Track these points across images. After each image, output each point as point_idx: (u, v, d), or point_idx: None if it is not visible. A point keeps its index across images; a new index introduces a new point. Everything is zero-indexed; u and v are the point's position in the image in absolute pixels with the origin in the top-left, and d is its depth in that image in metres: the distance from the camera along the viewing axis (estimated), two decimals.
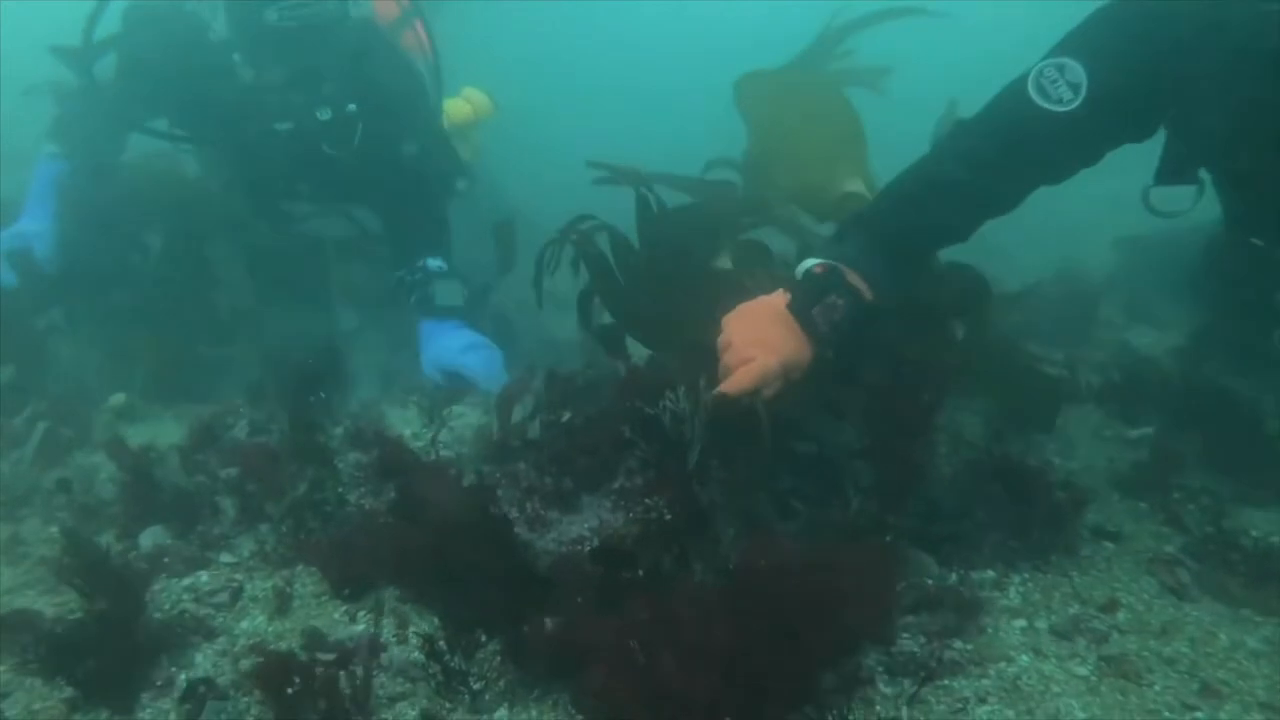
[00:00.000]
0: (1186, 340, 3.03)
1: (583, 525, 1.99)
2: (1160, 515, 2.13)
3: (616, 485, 2.04)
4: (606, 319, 2.27)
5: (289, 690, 1.43)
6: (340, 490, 2.07)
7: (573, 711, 1.55)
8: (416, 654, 1.67)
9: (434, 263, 2.94)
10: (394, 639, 1.75)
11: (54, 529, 2.08)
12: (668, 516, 1.89)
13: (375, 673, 1.64)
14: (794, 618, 1.45)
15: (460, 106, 3.68)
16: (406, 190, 3.02)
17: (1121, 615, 1.81)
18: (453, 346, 2.74)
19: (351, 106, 2.80)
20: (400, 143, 2.97)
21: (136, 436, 2.39)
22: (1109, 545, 2.05)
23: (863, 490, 1.98)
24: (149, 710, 1.57)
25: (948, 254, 2.15)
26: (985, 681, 1.65)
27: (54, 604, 1.83)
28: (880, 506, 1.93)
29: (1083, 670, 1.67)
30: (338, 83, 2.77)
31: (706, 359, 1.89)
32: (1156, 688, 1.61)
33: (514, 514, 2.04)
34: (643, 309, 2.22)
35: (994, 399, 2.60)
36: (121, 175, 3.00)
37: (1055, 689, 1.62)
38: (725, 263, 2.23)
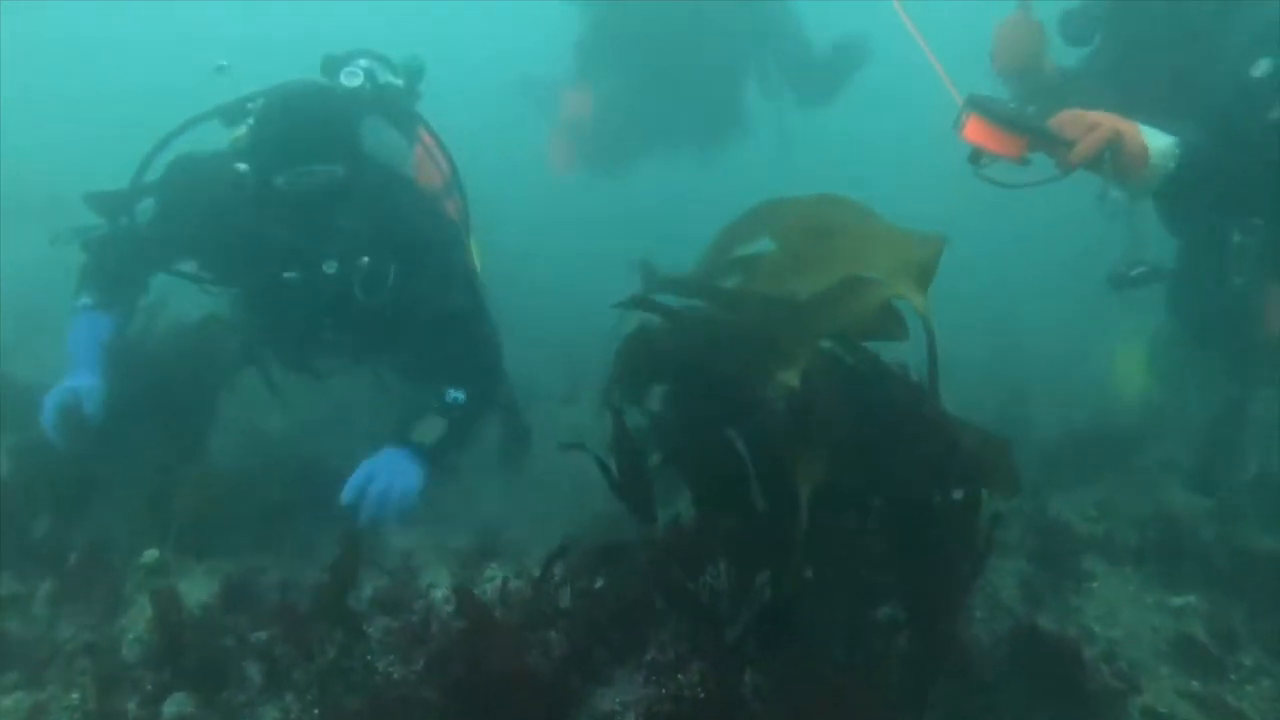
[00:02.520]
0: (1224, 496, 3.00)
1: (614, 699, 1.94)
2: (1217, 699, 2.04)
3: (648, 658, 2.00)
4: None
5: None
6: (369, 658, 2.04)
7: None
8: None
9: (453, 394, 2.96)
10: None
11: (75, 696, 2.05)
12: (701, 695, 1.86)
13: None
14: None
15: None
16: (437, 330, 3.06)
17: None
18: (378, 477, 2.70)
19: (364, 259, 2.85)
20: (425, 290, 3.02)
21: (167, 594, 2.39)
22: None
23: (901, 662, 1.93)
24: None
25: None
26: None
27: None
28: (919, 680, 1.88)
29: None
30: (350, 237, 2.83)
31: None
32: None
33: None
34: (689, 447, 2.16)
35: (1026, 560, 2.58)
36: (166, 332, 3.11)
37: None
38: (791, 379, 1.97)
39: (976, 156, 2.47)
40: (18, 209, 5.95)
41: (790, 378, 2.01)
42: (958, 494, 2.02)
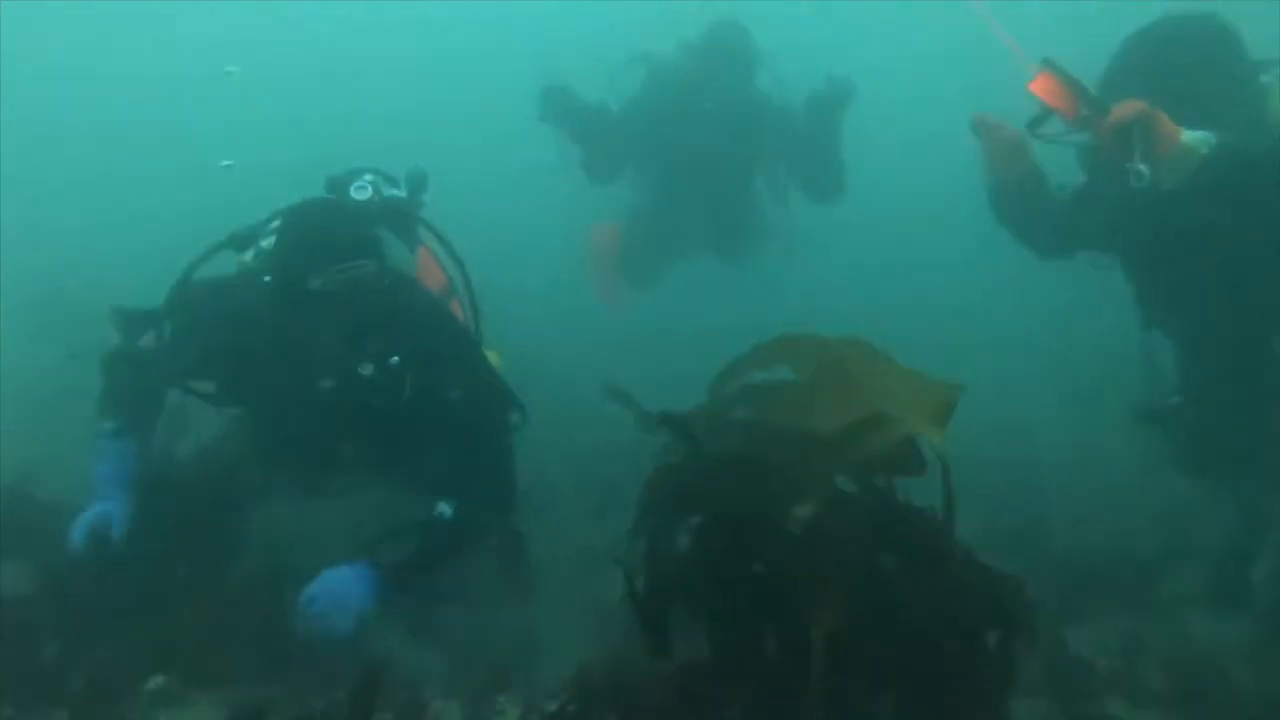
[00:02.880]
0: (1254, 631, 2.92)
1: None
2: None
3: None
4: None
5: None
6: None
7: None
8: None
9: (441, 508, 2.91)
10: None
11: None
12: None
13: None
14: None
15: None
16: (452, 437, 3.03)
17: None
18: (320, 597, 2.66)
19: (395, 359, 2.85)
20: (448, 389, 3.00)
21: None
22: None
23: None
24: None
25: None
26: None
27: None
28: None
29: None
30: (379, 337, 2.85)
31: None
32: None
33: None
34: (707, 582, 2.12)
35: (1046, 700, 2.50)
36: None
37: None
38: (805, 512, 2.00)
39: (1037, 121, 3.00)
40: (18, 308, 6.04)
41: (805, 510, 2.04)
42: (973, 637, 1.99)
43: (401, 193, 3.48)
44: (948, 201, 6.23)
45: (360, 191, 3.22)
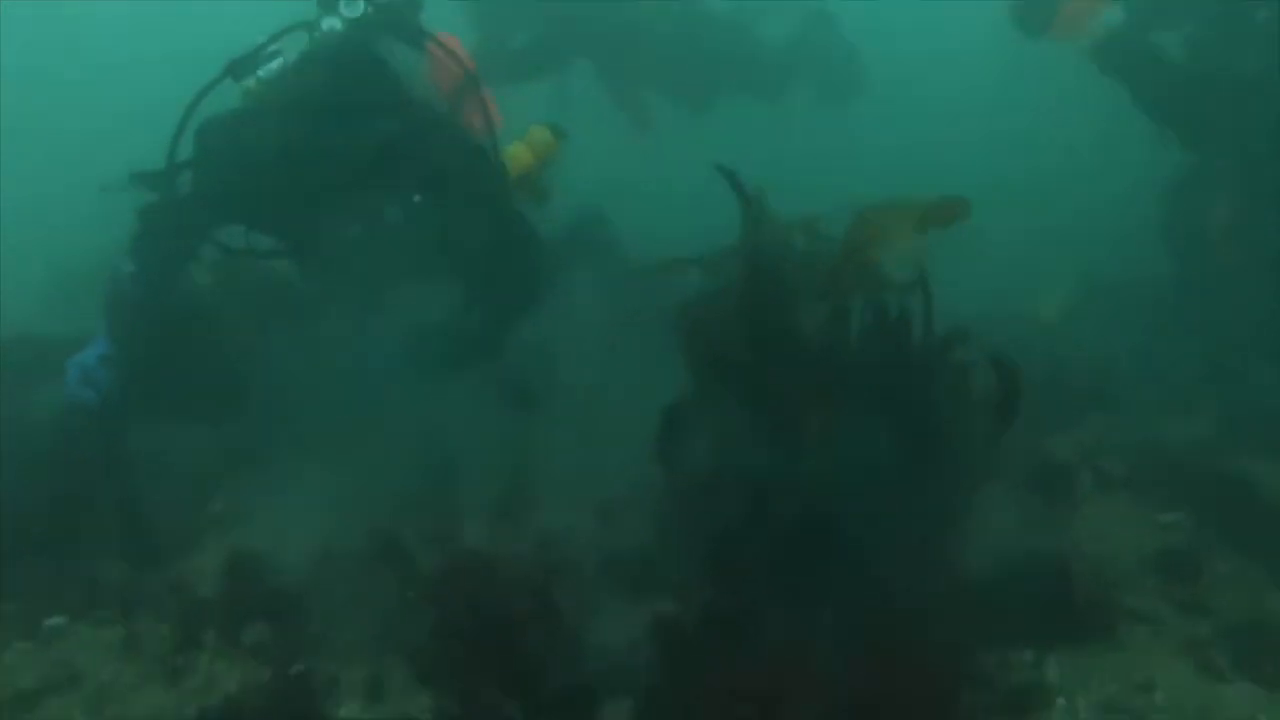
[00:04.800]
0: (1213, 428, 3.16)
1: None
2: (1194, 600, 2.23)
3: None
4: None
5: None
6: None
7: None
8: None
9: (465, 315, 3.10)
10: None
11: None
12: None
13: None
14: None
15: (519, 154, 3.36)
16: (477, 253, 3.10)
17: (1159, 696, 1.92)
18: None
19: (417, 198, 2.92)
20: (471, 227, 3.04)
21: None
22: (1144, 629, 2.15)
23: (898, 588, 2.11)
24: None
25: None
26: None
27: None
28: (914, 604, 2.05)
29: None
30: (403, 177, 2.89)
31: None
32: None
33: None
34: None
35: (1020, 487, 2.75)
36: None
37: None
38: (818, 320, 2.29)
39: None
40: None
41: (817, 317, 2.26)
42: (958, 417, 2.21)
43: None
44: None
45: (351, 7, 3.06)
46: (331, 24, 3.05)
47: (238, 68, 2.98)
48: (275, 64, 2.97)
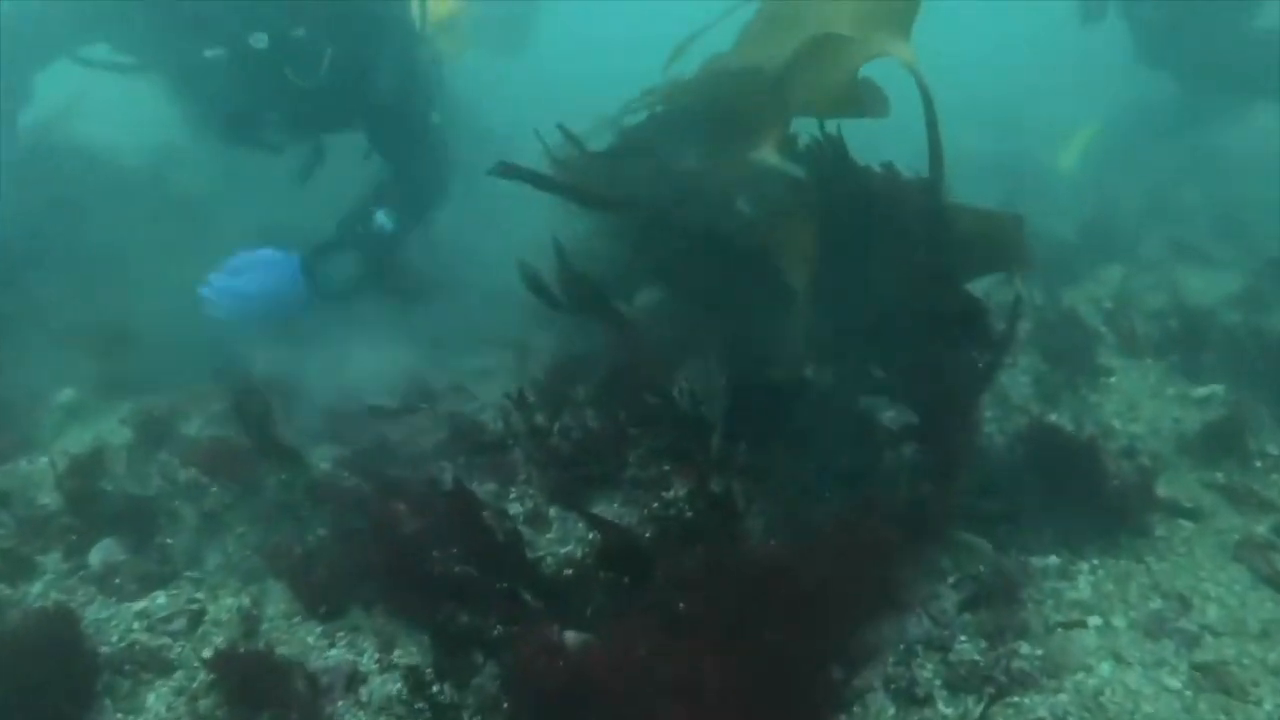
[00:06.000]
0: (1245, 284, 2.77)
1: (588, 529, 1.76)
2: (1243, 488, 1.87)
3: (627, 475, 1.80)
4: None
5: None
6: (314, 491, 1.83)
7: None
8: (400, 686, 1.45)
9: (381, 219, 2.67)
10: (375, 667, 1.52)
11: None
12: (688, 514, 1.67)
13: (352, 712, 1.42)
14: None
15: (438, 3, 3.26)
16: (378, 131, 2.81)
17: (1212, 612, 1.58)
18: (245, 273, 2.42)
19: (300, 31, 2.53)
20: (373, 74, 2.72)
21: (86, 436, 2.15)
22: (1186, 525, 1.80)
23: (909, 469, 1.75)
24: None
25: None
26: (1062, 697, 1.42)
27: None
28: (929, 486, 1.69)
29: (1174, 683, 1.44)
30: (282, 8, 2.52)
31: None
32: (1266, 706, 1.37)
33: (513, 510, 1.83)
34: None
35: (1040, 357, 2.36)
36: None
37: (1146, 707, 1.39)
38: (770, 157, 1.76)
39: None
40: None
41: (765, 155, 1.75)
42: (964, 281, 1.76)
43: None
44: None
45: None
46: None
47: None
48: None
